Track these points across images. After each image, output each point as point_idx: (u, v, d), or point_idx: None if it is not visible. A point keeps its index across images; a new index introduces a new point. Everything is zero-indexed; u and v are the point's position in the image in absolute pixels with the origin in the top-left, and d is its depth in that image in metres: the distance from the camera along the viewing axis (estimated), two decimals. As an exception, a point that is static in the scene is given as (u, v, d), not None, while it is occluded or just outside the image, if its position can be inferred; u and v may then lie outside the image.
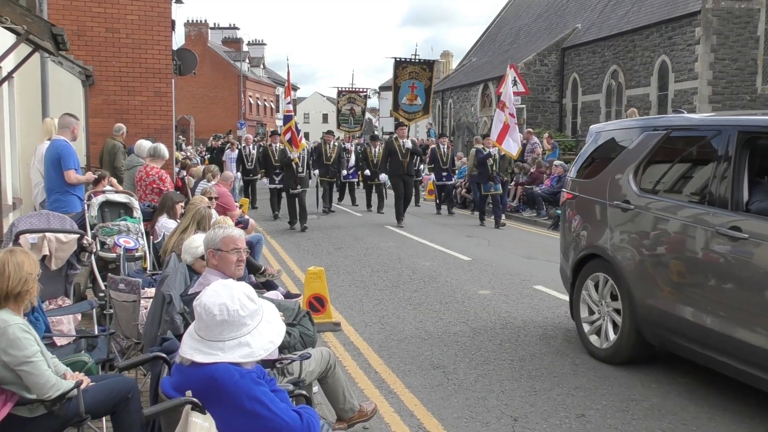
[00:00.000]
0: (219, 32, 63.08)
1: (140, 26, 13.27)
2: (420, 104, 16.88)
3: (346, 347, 6.64)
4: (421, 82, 16.77)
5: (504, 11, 49.37)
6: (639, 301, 5.71)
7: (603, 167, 6.63)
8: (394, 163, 15.63)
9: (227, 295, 2.77)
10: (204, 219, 6.02)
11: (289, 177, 14.66)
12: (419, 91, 16.78)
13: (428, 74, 17.00)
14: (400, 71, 16.80)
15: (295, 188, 14.35)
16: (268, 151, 17.45)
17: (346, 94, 25.38)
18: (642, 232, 5.85)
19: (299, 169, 14.40)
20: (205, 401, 2.60)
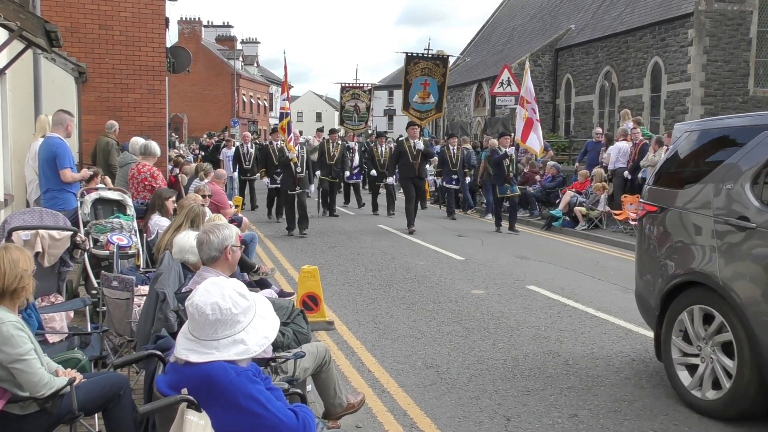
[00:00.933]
0: (213, 30, 62.96)
1: (134, 23, 13.21)
2: (433, 102, 15.92)
3: (339, 346, 6.64)
4: (434, 78, 15.80)
5: (498, 11, 49.46)
6: (766, 342, 4.55)
7: (701, 174, 5.46)
8: (404, 166, 14.74)
9: (218, 293, 2.76)
10: (198, 217, 6.00)
11: (287, 177, 13.86)
12: (432, 89, 15.85)
13: (442, 70, 16.02)
14: (411, 67, 15.86)
15: (293, 189, 13.56)
16: (268, 149, 16.57)
17: (350, 89, 24.00)
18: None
19: (298, 168, 13.58)
20: (201, 399, 2.59)
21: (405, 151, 14.66)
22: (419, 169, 14.67)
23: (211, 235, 3.93)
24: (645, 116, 25.12)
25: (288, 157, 13.56)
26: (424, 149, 14.69)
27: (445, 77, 16.04)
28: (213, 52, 58.21)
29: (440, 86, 15.94)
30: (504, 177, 14.76)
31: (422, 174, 14.98)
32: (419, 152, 14.54)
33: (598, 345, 6.72)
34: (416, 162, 14.53)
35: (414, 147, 14.55)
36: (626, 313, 7.89)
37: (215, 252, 3.92)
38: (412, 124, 15.33)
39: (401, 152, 14.77)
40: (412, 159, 14.52)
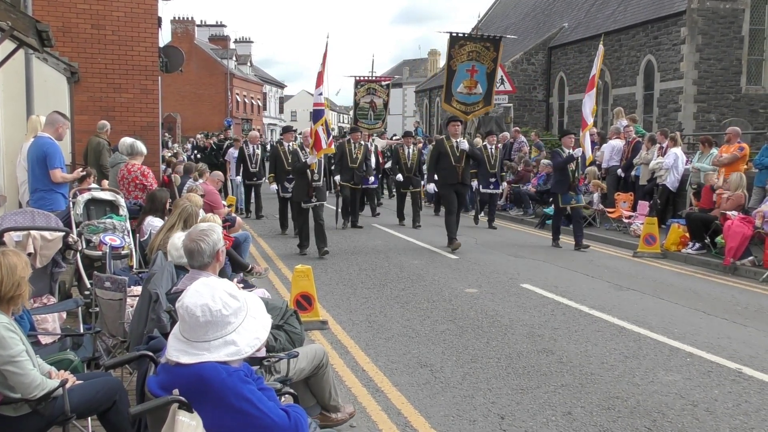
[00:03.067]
0: (206, 29, 62.80)
1: (126, 23, 13.17)
2: (481, 93, 13.14)
3: (333, 346, 6.64)
4: (482, 64, 13.00)
5: (492, 10, 49.48)
6: None
7: None
8: (445, 170, 12.21)
9: (208, 294, 2.75)
10: (191, 217, 5.98)
11: (300, 186, 11.58)
12: (480, 76, 13.03)
13: (493, 55, 13.11)
14: (455, 50, 12.95)
15: (308, 201, 11.37)
16: (278, 151, 14.19)
17: (365, 84, 21.12)
18: None
19: (315, 176, 11.32)
20: (193, 400, 2.58)
21: (446, 153, 12.19)
22: (463, 174, 12.21)
23: (201, 244, 3.91)
24: (638, 114, 25.15)
25: (305, 163, 11.37)
26: (469, 150, 12.24)
27: (496, 63, 13.26)
28: (206, 52, 58.06)
29: (490, 74, 13.16)
30: (568, 184, 12.45)
31: (466, 179, 12.49)
32: (463, 153, 12.14)
33: (591, 342, 6.73)
34: (459, 165, 12.11)
35: (457, 147, 12.13)
36: (620, 311, 7.91)
37: (207, 258, 3.92)
38: (454, 119, 12.73)
39: (441, 154, 12.31)
40: (454, 162, 12.09)
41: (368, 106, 20.87)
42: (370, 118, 20.75)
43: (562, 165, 12.42)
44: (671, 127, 21.44)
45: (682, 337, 6.90)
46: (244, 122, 50.13)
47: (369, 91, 20.87)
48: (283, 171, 13.68)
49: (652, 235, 11.97)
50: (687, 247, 11.77)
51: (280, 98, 77.47)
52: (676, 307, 8.28)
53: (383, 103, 20.84)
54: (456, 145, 12.13)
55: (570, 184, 12.41)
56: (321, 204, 11.47)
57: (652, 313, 7.91)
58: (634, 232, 13.38)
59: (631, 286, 9.36)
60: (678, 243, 11.94)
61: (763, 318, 7.83)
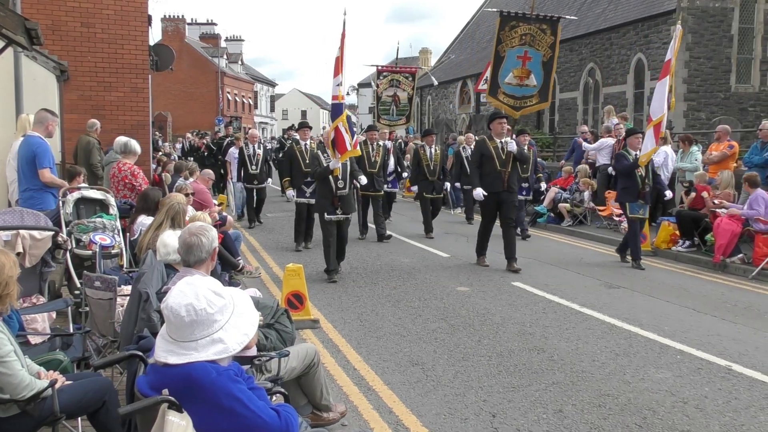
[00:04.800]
0: (196, 28, 62.66)
1: (116, 21, 13.10)
2: (535, 86, 10.98)
3: (324, 344, 6.63)
4: (537, 51, 10.84)
5: (482, 8, 49.52)
6: None
7: None
8: (488, 175, 10.29)
9: (192, 294, 2.74)
10: (178, 215, 5.96)
11: (324, 195, 9.61)
12: (534, 65, 10.87)
13: (549, 40, 10.90)
14: (506, 33, 10.82)
15: (332, 213, 9.55)
16: (293, 150, 12.32)
17: (388, 74, 18.49)
18: None
19: (339, 183, 9.53)
20: (182, 400, 2.57)
21: (489, 155, 10.28)
22: (509, 180, 10.32)
23: (202, 238, 3.89)
24: (629, 113, 25.21)
25: (326, 168, 9.50)
26: (517, 152, 10.36)
27: (554, 51, 10.97)
28: (197, 50, 57.90)
29: (546, 63, 10.94)
30: (637, 191, 10.62)
31: (512, 186, 10.47)
32: (510, 156, 10.26)
33: (582, 340, 6.75)
34: (505, 170, 10.23)
35: (503, 148, 10.27)
36: (610, 309, 7.94)
37: (205, 254, 3.90)
38: (499, 115, 10.66)
39: (484, 156, 10.37)
40: (500, 165, 10.20)
41: (391, 100, 18.33)
42: (392, 114, 18.31)
43: (628, 170, 10.71)
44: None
45: (672, 335, 6.93)
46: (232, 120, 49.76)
47: (392, 83, 18.38)
48: (301, 173, 11.99)
49: (643, 233, 12.00)
50: (677, 244, 11.83)
51: (271, 97, 77.34)
52: (667, 304, 8.31)
53: (408, 96, 18.35)
54: (501, 146, 10.28)
55: (639, 192, 10.63)
56: (347, 218, 9.71)
57: (642, 310, 7.94)
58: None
59: (622, 284, 9.39)
60: (668, 241, 11.99)
61: (753, 315, 7.87)
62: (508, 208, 10.43)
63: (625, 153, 10.97)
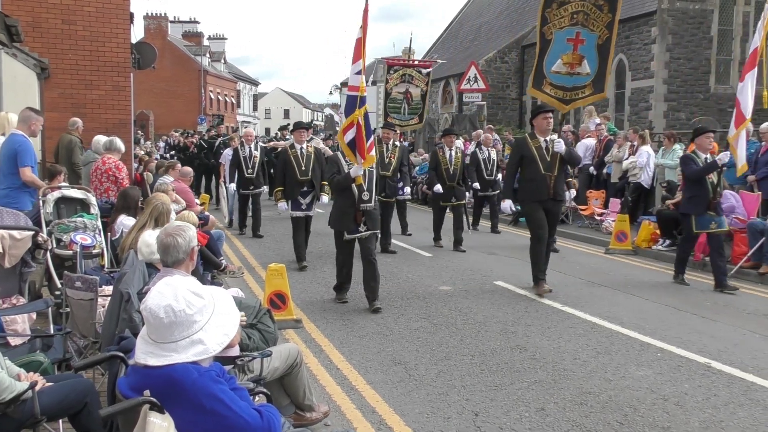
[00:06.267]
0: (179, 26, 62.28)
1: (98, 18, 12.99)
2: (588, 73, 9.00)
3: (307, 344, 6.63)
4: (592, 32, 8.85)
5: (465, 8, 49.67)
6: None
7: None
8: (530, 180, 8.78)
9: (171, 295, 2.72)
10: (162, 215, 5.93)
11: (342, 209, 8.08)
12: (588, 49, 8.88)
13: (607, 18, 8.91)
14: (553, 12, 8.78)
15: (355, 230, 8.01)
16: (288, 156, 10.57)
17: (400, 69, 16.31)
18: None
19: (365, 195, 7.98)
20: (164, 401, 2.56)
21: (531, 156, 8.73)
22: (555, 185, 8.73)
23: (178, 239, 3.87)
24: (610, 113, 25.43)
25: (347, 175, 7.97)
26: (565, 152, 8.74)
27: (612, 30, 8.99)
28: (179, 48, 57.56)
29: (602, 46, 8.97)
30: (707, 201, 9.17)
31: (559, 193, 8.89)
32: (557, 157, 8.67)
33: (564, 339, 6.79)
34: (551, 174, 8.66)
35: (547, 148, 8.71)
36: (592, 307, 8.00)
37: (182, 255, 3.88)
38: (544, 109, 9.14)
39: (525, 158, 8.81)
40: (544, 169, 8.65)
41: (402, 96, 16.25)
42: (403, 113, 16.13)
43: (699, 176, 9.15)
44: (642, 125, 21.70)
45: (652, 333, 7.00)
46: (215, 118, 49.36)
47: (404, 78, 16.20)
48: (296, 182, 10.48)
49: (624, 232, 12.11)
50: (657, 243, 11.94)
51: (254, 96, 77.04)
52: (647, 303, 8.39)
53: (421, 93, 16.16)
54: (546, 146, 8.71)
55: (710, 202, 9.18)
56: (373, 234, 8.17)
57: (623, 309, 8.00)
58: (606, 229, 13.54)
59: (603, 283, 9.46)
60: (649, 240, 12.10)
61: (732, 313, 7.97)
62: (552, 224, 8.96)
63: (693, 156, 9.36)
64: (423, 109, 16.24)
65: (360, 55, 7.97)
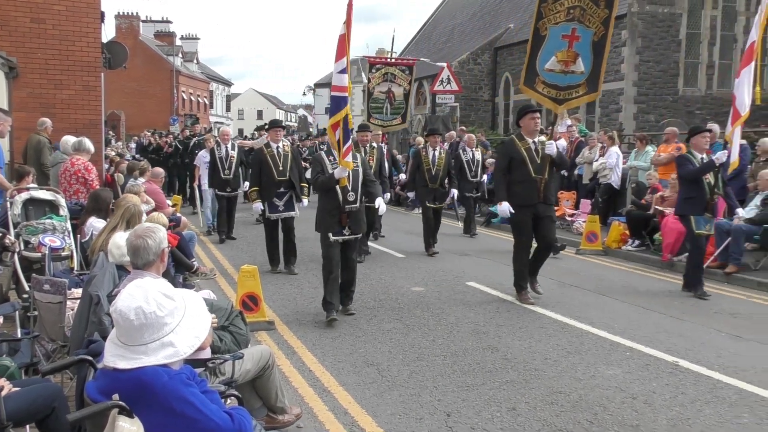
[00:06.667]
0: (151, 25, 61.60)
1: (68, 17, 12.82)
2: (582, 72, 8.68)
3: (279, 346, 6.61)
4: (588, 28, 8.49)
5: (439, 10, 49.85)
6: None
7: None
8: (520, 183, 8.28)
9: (142, 297, 2.71)
10: (134, 217, 5.88)
11: (328, 211, 7.60)
12: (583, 46, 8.55)
13: (603, 13, 8.52)
14: (548, 6, 8.46)
15: (339, 233, 7.57)
16: (264, 155, 10.15)
17: (382, 67, 15.83)
18: None
19: (350, 195, 7.55)
20: (133, 404, 2.55)
21: (521, 158, 8.26)
22: (545, 190, 8.33)
23: (148, 240, 3.85)
24: (581, 114, 25.71)
25: (331, 176, 7.51)
26: (556, 155, 8.37)
27: (608, 27, 8.62)
28: (151, 48, 56.96)
29: (597, 43, 8.63)
30: (704, 202, 8.84)
31: (550, 197, 8.51)
32: (547, 160, 8.29)
33: (535, 339, 6.86)
34: (542, 177, 8.24)
35: (537, 150, 8.28)
36: (562, 307, 8.08)
37: (153, 256, 3.86)
38: (531, 109, 8.58)
39: (513, 160, 8.33)
40: (534, 172, 8.22)
41: (384, 96, 15.66)
42: (386, 113, 15.59)
43: (696, 176, 8.81)
44: (612, 127, 21.97)
45: (622, 332, 7.09)
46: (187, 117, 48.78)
47: (386, 77, 15.68)
48: (273, 182, 10.07)
49: (594, 232, 12.25)
50: (627, 244, 12.10)
51: (227, 96, 76.55)
52: (617, 302, 8.50)
53: (404, 92, 15.70)
54: (536, 148, 8.28)
55: (707, 202, 8.83)
56: (356, 239, 7.80)
57: (593, 308, 8.10)
58: (577, 229, 13.69)
59: (574, 283, 9.56)
60: (618, 240, 12.25)
61: (699, 312, 8.10)
62: (547, 226, 8.45)
63: (689, 156, 9.01)
64: (406, 108, 15.80)
65: (343, 52, 7.51)
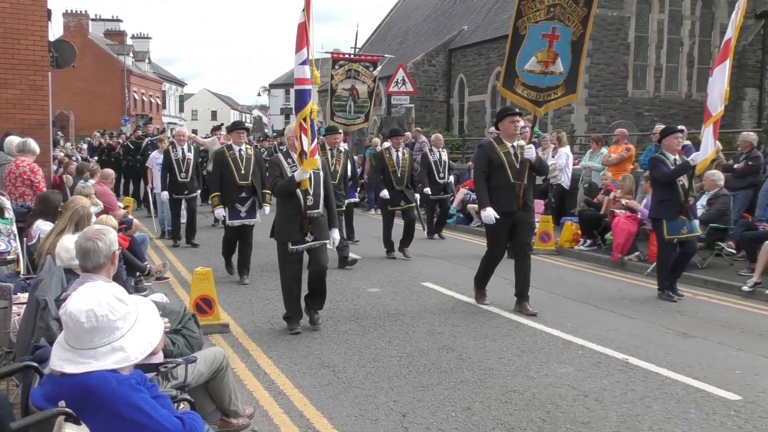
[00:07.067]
0: (101, 24, 60.42)
1: (12, 14, 12.48)
2: (561, 73, 8.31)
3: (234, 349, 6.55)
4: (567, 27, 8.19)
5: (393, 11, 50.01)
6: None
7: None
8: (498, 188, 7.94)
9: (94, 299, 2.66)
10: (83, 220, 5.76)
11: (287, 217, 7.04)
12: (562, 46, 8.21)
13: (582, 12, 8.27)
14: (528, 4, 8.18)
15: (300, 241, 7.03)
16: (225, 158, 9.62)
17: (345, 64, 14.98)
18: None
19: (309, 200, 6.96)
20: (80, 411, 2.49)
21: (499, 163, 7.92)
22: (524, 194, 7.99)
23: (98, 242, 3.78)
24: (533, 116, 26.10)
25: (291, 179, 6.91)
26: (536, 160, 8.03)
27: (586, 26, 8.37)
28: (101, 47, 55.87)
29: (576, 43, 8.33)
30: (678, 205, 8.56)
31: (529, 203, 8.18)
32: (526, 164, 7.94)
33: (490, 338, 6.92)
34: (520, 183, 7.92)
35: (516, 155, 7.97)
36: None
37: (103, 259, 3.79)
38: (511, 111, 8.22)
39: (492, 163, 7.98)
40: (513, 177, 7.90)
41: (348, 94, 14.91)
42: (349, 111, 14.83)
43: (670, 179, 8.52)
44: (565, 128, 22.33)
45: (574, 331, 7.20)
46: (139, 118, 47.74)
47: (350, 73, 14.89)
48: (235, 187, 9.54)
49: (547, 232, 12.43)
50: (579, 243, 12.31)
51: (180, 97, 75.53)
52: (569, 301, 8.63)
53: (368, 90, 14.85)
54: (515, 152, 7.96)
55: (681, 206, 8.55)
56: (323, 245, 7.22)
57: (546, 308, 8.20)
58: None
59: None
60: (571, 240, 12.46)
61: (648, 310, 8.28)
62: (526, 232, 8.16)
63: (662, 157, 8.72)
64: (370, 107, 15.11)
65: (304, 42, 6.87)
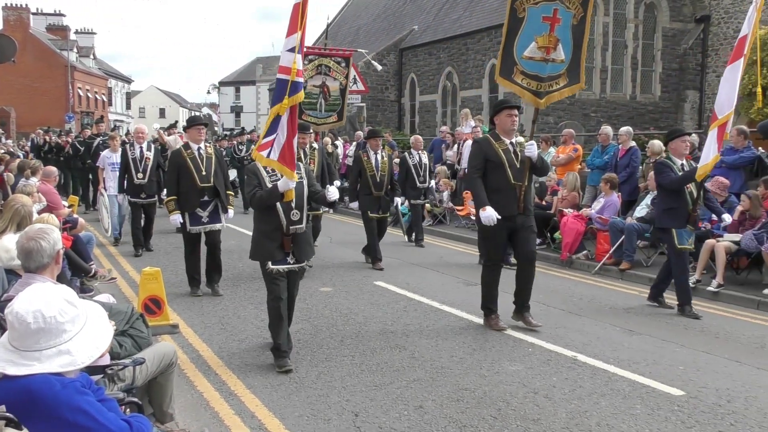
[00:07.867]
0: (43, 18, 58.73)
1: (-51, 8, 12.10)
2: (563, 61, 7.41)
3: (184, 350, 6.43)
4: (568, 9, 7.30)
5: (344, 10, 49.91)
6: None
7: None
8: (496, 190, 7.13)
9: (42, 300, 2.57)
10: (24, 219, 5.60)
11: (266, 234, 6.06)
12: (563, 30, 7.32)
13: None
14: None
15: (282, 260, 6.05)
16: (183, 159, 8.63)
17: (315, 59, 13.59)
18: None
19: (294, 215, 5.97)
20: (21, 416, 2.41)
21: (498, 162, 7.14)
22: (524, 197, 7.22)
23: (41, 242, 3.67)
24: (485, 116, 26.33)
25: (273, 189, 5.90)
26: (537, 159, 7.21)
27: (586, 9, 7.50)
28: (43, 42, 54.33)
29: (576, 27, 7.46)
30: (686, 214, 7.89)
31: (529, 207, 7.34)
32: (526, 163, 7.18)
33: (442, 337, 6.96)
34: (521, 184, 7.15)
35: (515, 153, 7.21)
36: (468, 306, 8.23)
37: (47, 259, 3.68)
38: (508, 104, 7.53)
39: (489, 162, 7.18)
40: (513, 178, 7.14)
41: (318, 91, 13.65)
42: (320, 109, 13.57)
43: (679, 186, 7.87)
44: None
45: (524, 329, 7.28)
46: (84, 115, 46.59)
47: (320, 69, 13.63)
48: (195, 190, 8.61)
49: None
50: (529, 242, 12.44)
51: (127, 93, 73.99)
52: (519, 299, 8.72)
53: (340, 87, 13.63)
54: (514, 150, 7.21)
55: (689, 213, 7.88)
56: (302, 269, 6.32)
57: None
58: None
59: (479, 282, 9.72)
60: (521, 239, 12.58)
61: (595, 308, 8.43)
62: (528, 239, 7.34)
63: (669, 162, 8.07)
64: (342, 104, 13.89)
65: (296, 26, 5.73)
